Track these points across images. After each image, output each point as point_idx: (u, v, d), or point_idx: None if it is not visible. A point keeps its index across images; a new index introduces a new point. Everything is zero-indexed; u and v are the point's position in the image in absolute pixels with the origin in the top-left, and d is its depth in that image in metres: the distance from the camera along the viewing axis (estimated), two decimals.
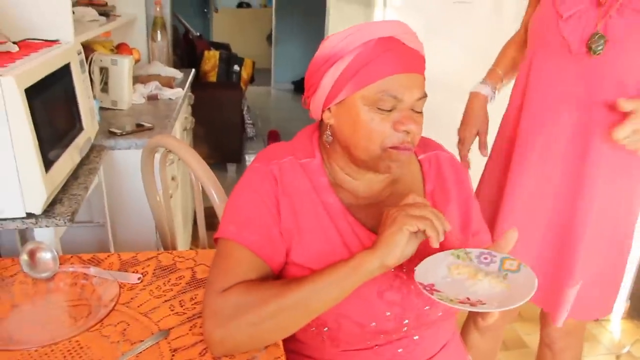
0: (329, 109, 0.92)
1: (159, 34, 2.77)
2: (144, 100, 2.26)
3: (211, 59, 4.13)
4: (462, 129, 1.52)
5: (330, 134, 0.93)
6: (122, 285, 1.05)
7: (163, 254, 1.18)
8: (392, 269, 0.85)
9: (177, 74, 2.68)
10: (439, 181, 1.01)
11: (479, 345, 1.62)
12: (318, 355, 0.96)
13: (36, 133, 1.14)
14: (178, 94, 2.38)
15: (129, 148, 1.74)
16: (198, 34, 4.91)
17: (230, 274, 0.86)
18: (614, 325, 2.40)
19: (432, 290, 0.80)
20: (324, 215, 0.92)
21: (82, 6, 2.16)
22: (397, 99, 0.86)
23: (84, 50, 1.62)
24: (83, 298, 1.02)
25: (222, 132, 3.88)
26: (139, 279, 1.08)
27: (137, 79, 2.40)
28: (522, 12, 1.52)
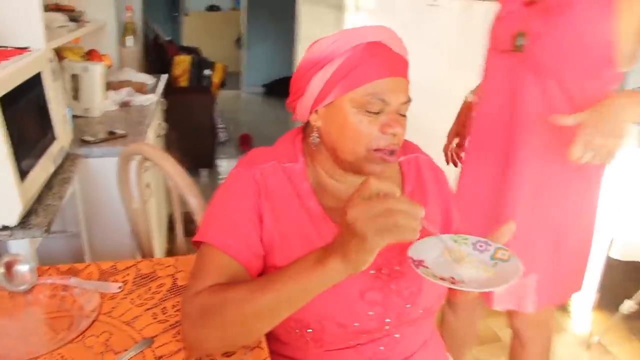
0: (316, 111, 0.93)
1: (129, 40, 2.74)
2: (116, 107, 2.24)
3: (182, 63, 4.10)
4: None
5: (317, 135, 0.94)
6: (102, 295, 1.04)
7: (142, 262, 1.18)
8: (372, 272, 0.91)
9: (148, 79, 2.66)
10: (418, 182, 1.03)
11: (455, 325, 1.70)
12: (301, 356, 0.97)
13: (10, 143, 1.13)
14: (151, 99, 2.36)
15: (103, 156, 1.73)
16: (168, 38, 4.86)
17: (205, 277, 0.87)
18: (585, 316, 2.48)
19: (419, 265, 0.82)
20: (306, 219, 0.93)
21: (51, 11, 2.13)
22: (384, 102, 0.88)
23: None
24: (63, 310, 1.01)
25: (194, 137, 3.85)
26: (120, 287, 1.07)
27: (109, 86, 2.38)
28: (491, 14, 1.57)
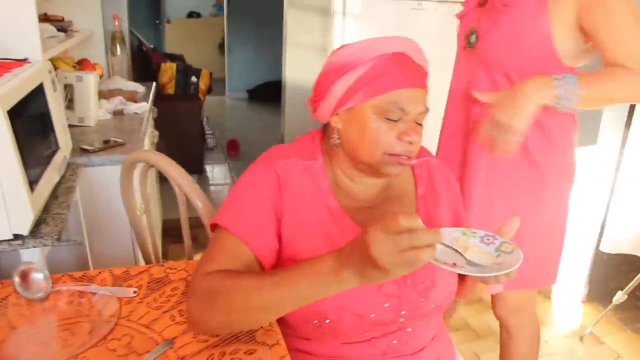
0: (337, 114, 0.97)
1: (118, 48, 2.75)
2: (110, 115, 2.25)
3: (168, 71, 4.10)
4: None
5: (337, 137, 0.98)
6: (118, 299, 1.06)
7: (154, 267, 1.20)
8: None
9: (138, 87, 2.66)
10: (430, 185, 1.08)
11: None
12: (320, 350, 1.00)
13: (19, 155, 1.14)
14: (144, 107, 2.37)
15: (103, 165, 1.74)
16: (152, 46, 4.86)
17: (217, 258, 0.90)
18: (576, 309, 2.55)
19: None
20: (326, 215, 0.97)
21: (40, 22, 2.12)
22: (404, 111, 0.92)
23: None
24: (81, 315, 1.03)
25: (183, 144, 3.85)
26: (135, 292, 1.09)
27: (100, 95, 2.38)
28: None
